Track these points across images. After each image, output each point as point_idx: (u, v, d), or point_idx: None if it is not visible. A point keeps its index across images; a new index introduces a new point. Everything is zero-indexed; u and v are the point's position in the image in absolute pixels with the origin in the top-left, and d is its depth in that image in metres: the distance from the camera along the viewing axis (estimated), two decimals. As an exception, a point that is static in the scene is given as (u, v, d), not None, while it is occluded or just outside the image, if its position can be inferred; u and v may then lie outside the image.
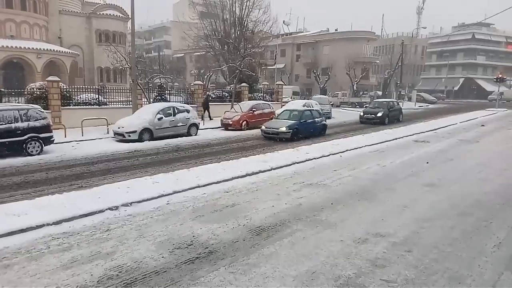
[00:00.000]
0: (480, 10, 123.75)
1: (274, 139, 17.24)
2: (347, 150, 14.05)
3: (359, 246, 5.90)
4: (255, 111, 21.96)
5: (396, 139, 17.17)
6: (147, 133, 16.37)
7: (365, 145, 15.18)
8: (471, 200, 8.42)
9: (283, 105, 29.11)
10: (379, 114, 24.93)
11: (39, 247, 5.72)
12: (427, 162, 12.39)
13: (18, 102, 17.02)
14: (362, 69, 50.93)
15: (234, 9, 34.02)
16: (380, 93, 54.45)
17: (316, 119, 18.99)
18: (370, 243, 6.01)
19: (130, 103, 20.52)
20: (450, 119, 26.79)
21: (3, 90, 18.80)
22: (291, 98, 38.10)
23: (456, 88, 73.19)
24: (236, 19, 34.14)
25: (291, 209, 7.63)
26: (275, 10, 61.02)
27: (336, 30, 60.41)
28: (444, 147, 15.76)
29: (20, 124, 12.34)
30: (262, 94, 31.69)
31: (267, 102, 25.30)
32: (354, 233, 6.37)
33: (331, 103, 33.80)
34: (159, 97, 23.79)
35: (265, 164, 11.17)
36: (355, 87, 49.13)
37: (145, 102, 21.89)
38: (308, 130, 18.24)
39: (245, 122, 21.14)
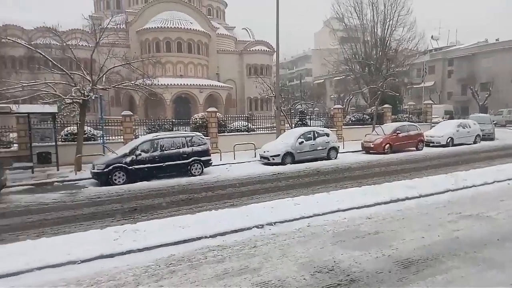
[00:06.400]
0: None
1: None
2: (518, 178, 11.78)
3: (539, 295, 4.84)
4: (399, 133, 20.59)
5: None
6: (289, 157, 17.12)
7: (545, 172, 12.45)
8: None
9: (433, 126, 26.61)
10: None
11: (198, 257, 6.48)
12: None
13: (185, 130, 20.15)
14: (537, 81, 42.39)
15: (375, 30, 33.23)
16: None
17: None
18: (554, 293, 4.86)
19: (275, 128, 21.93)
20: None
21: (174, 120, 22.58)
22: (442, 118, 34.47)
23: None
24: (378, 39, 33.20)
25: (445, 243, 6.80)
26: (421, 26, 57.16)
27: (497, 40, 52.28)
28: None
29: (186, 149, 14.59)
30: (407, 115, 29.58)
31: (413, 124, 23.46)
32: (531, 279, 5.26)
33: (494, 122, 29.05)
34: (300, 122, 24.73)
35: (412, 191, 10.29)
36: (526, 103, 41.17)
37: (288, 127, 23.04)
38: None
39: (388, 145, 20.00)
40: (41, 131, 16.48)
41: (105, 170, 13.23)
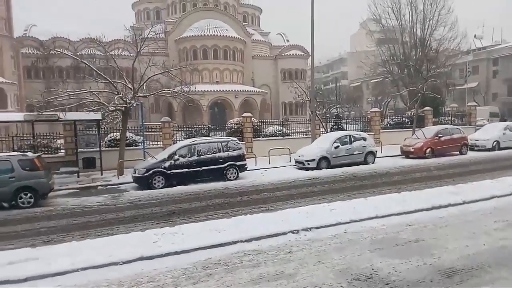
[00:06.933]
0: None
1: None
2: None
3: None
4: (441, 136, 19.74)
5: None
6: (324, 161, 16.89)
7: None
8: None
9: (477, 129, 25.32)
10: None
11: (234, 261, 6.55)
12: None
13: (220, 135, 20.47)
14: None
15: (415, 30, 32.28)
16: None
17: None
18: None
19: (310, 133, 21.75)
20: None
21: (211, 126, 23.00)
22: (487, 121, 32.75)
23: None
24: (417, 40, 32.21)
25: (491, 252, 6.45)
26: (463, 25, 54.50)
27: (549, 35, 49.02)
28: None
29: (222, 154, 14.83)
30: (450, 118, 28.34)
31: (456, 127, 22.43)
32: None
33: (545, 124, 27.14)
34: (336, 126, 24.37)
35: (455, 197, 9.84)
36: None
37: (323, 132, 22.77)
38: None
39: (429, 149, 19.22)
40: (86, 137, 17.38)
41: (145, 174, 13.73)
